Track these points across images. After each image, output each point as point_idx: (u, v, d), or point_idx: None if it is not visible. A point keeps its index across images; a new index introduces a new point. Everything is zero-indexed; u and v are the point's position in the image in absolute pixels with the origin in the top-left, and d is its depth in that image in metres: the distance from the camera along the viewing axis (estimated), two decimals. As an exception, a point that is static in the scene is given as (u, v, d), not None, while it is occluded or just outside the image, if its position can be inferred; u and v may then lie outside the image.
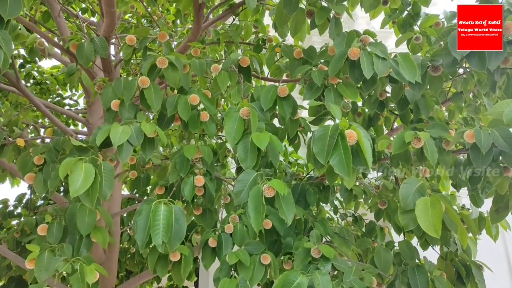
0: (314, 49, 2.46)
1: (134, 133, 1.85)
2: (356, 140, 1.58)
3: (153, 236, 1.64)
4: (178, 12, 4.15)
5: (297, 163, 3.62)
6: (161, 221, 1.67)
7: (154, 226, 1.67)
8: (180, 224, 1.73)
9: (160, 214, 1.69)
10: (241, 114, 1.96)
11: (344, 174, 1.54)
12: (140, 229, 1.68)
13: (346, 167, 1.55)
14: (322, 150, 1.59)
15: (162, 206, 1.72)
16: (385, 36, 6.60)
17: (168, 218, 1.69)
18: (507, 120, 1.51)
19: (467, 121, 3.15)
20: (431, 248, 2.51)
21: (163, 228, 1.66)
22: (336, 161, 1.57)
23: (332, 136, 1.60)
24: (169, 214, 1.70)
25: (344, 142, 1.58)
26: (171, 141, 3.84)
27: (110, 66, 2.46)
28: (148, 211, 1.70)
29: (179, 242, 1.73)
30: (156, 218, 1.67)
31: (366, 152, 1.56)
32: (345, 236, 2.61)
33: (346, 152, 1.57)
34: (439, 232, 1.55)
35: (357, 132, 1.59)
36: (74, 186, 1.63)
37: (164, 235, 1.65)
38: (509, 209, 2.10)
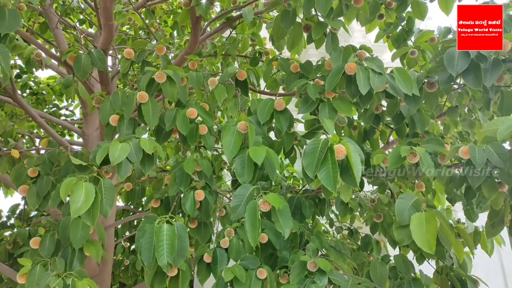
0: (310, 64, 2.48)
1: (133, 150, 1.85)
2: (345, 155, 1.59)
3: (158, 257, 1.66)
4: (176, 24, 4.17)
5: (293, 176, 3.62)
6: (164, 241, 1.69)
7: (158, 247, 1.68)
8: (183, 241, 1.75)
9: (164, 234, 1.71)
10: (238, 128, 1.96)
11: (330, 189, 1.55)
12: (145, 249, 1.70)
13: (333, 181, 1.56)
14: (311, 164, 1.60)
15: (164, 225, 1.73)
16: (381, 50, 6.67)
17: (172, 238, 1.71)
18: (501, 138, 1.53)
19: (462, 135, 3.17)
20: (426, 262, 2.51)
21: (168, 249, 1.68)
22: (324, 175, 1.58)
23: (322, 150, 1.61)
24: (172, 233, 1.72)
25: (332, 157, 1.59)
26: (167, 153, 3.83)
27: (107, 78, 2.47)
28: (151, 231, 1.73)
29: (183, 259, 1.75)
30: (160, 239, 1.69)
31: (354, 167, 1.56)
32: (341, 250, 2.61)
33: (333, 166, 1.58)
34: (433, 248, 1.55)
35: (346, 147, 1.59)
36: (75, 206, 1.65)
37: (169, 256, 1.67)
38: (504, 224, 2.10)
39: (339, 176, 1.60)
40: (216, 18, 3.05)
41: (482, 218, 2.39)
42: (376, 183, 2.87)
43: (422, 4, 2.88)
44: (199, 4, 2.53)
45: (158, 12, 3.97)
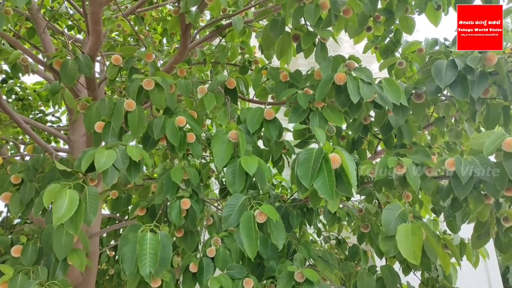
0: (300, 73, 2.49)
1: (119, 157, 1.82)
2: (340, 163, 1.59)
3: (141, 267, 1.63)
4: (165, 31, 4.16)
5: (281, 185, 3.61)
6: (148, 251, 1.66)
7: (141, 256, 1.65)
8: (166, 251, 1.73)
9: (147, 243, 1.68)
10: (229, 137, 1.95)
11: (327, 198, 1.54)
12: (128, 258, 1.67)
13: (330, 190, 1.55)
14: (306, 173, 1.58)
15: (148, 234, 1.70)
16: (369, 61, 6.74)
17: (155, 247, 1.68)
18: (487, 152, 1.54)
19: (449, 145, 3.20)
20: (413, 273, 2.51)
21: (150, 258, 1.65)
22: (320, 185, 1.57)
23: (316, 159, 1.60)
24: (156, 242, 1.69)
25: (328, 166, 1.58)
26: (154, 161, 3.79)
27: (94, 84, 2.44)
28: (134, 239, 1.69)
29: (165, 269, 1.72)
30: (143, 248, 1.66)
31: (351, 175, 1.56)
32: (328, 260, 2.60)
33: (330, 175, 1.57)
34: (418, 259, 1.55)
35: (340, 156, 1.59)
36: (57, 213, 1.60)
37: (151, 265, 1.64)
38: (490, 236, 2.12)
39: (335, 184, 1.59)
40: (205, 26, 3.05)
41: (467, 229, 2.40)
42: (364, 193, 2.88)
43: (410, 19, 2.92)
44: (188, 11, 2.53)
45: (147, 19, 3.96)
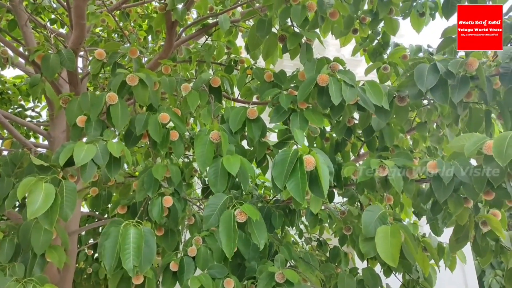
0: (284, 73, 2.49)
1: (99, 152, 1.78)
2: (314, 165, 1.59)
3: (124, 261, 1.58)
4: (150, 28, 4.12)
5: (264, 186, 3.60)
6: (131, 245, 1.61)
7: (124, 250, 1.60)
8: (150, 247, 1.68)
9: (130, 237, 1.63)
10: (211, 138, 1.94)
11: (298, 199, 1.54)
12: (108, 252, 1.61)
13: (301, 192, 1.55)
14: (281, 174, 1.59)
15: (131, 228, 1.66)
16: (355, 64, 6.79)
17: (139, 241, 1.63)
18: (468, 154, 1.56)
19: (430, 150, 3.25)
20: (393, 275, 2.53)
21: (134, 252, 1.60)
22: (292, 186, 1.57)
23: (292, 161, 1.61)
24: (139, 236, 1.64)
25: (302, 168, 1.59)
26: (137, 159, 3.75)
27: (76, 79, 2.39)
28: (116, 234, 1.64)
29: (149, 265, 1.68)
30: (126, 242, 1.61)
31: (323, 178, 1.56)
32: (309, 261, 2.60)
33: (302, 177, 1.58)
34: (396, 261, 1.56)
35: (316, 158, 1.59)
36: (32, 207, 1.56)
37: (135, 259, 1.59)
38: (468, 239, 2.15)
39: (307, 187, 1.59)
40: (192, 24, 3.02)
41: (446, 234, 2.43)
42: (346, 195, 2.89)
43: (394, 21, 2.96)
44: (175, 9, 2.51)
45: (132, 15, 3.92)
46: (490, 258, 2.27)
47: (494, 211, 2.10)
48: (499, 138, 1.46)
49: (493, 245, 2.21)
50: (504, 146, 1.41)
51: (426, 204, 2.23)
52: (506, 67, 1.98)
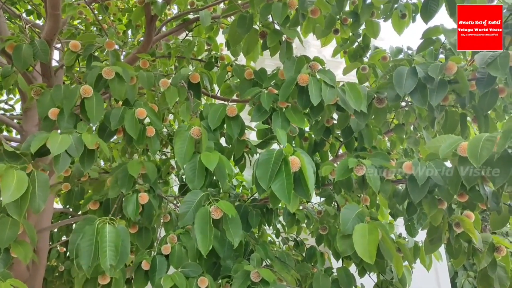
0: (265, 71, 2.47)
1: (73, 144, 1.72)
2: (299, 166, 1.57)
3: (102, 259, 1.53)
4: (130, 23, 4.04)
5: (242, 185, 3.58)
6: (107, 243, 1.57)
7: (102, 248, 1.55)
8: (125, 246, 1.64)
9: (107, 235, 1.58)
10: (191, 134, 1.90)
11: (284, 200, 1.52)
12: (85, 252, 1.56)
13: (287, 193, 1.53)
14: (265, 174, 1.56)
15: (107, 226, 1.61)
16: (335, 66, 6.83)
17: (116, 240, 1.58)
18: (443, 155, 1.57)
19: (407, 152, 3.28)
20: (368, 275, 2.54)
21: (111, 251, 1.56)
22: (278, 187, 1.55)
23: (276, 161, 1.58)
24: (116, 235, 1.60)
25: (287, 168, 1.56)
26: (113, 155, 3.67)
27: (50, 71, 2.32)
28: (92, 232, 1.59)
29: (124, 264, 1.63)
30: (103, 240, 1.56)
31: (308, 180, 1.55)
32: (285, 261, 2.59)
33: (288, 178, 1.55)
34: (373, 259, 1.56)
35: (300, 159, 1.58)
36: (7, 192, 1.46)
37: (113, 258, 1.54)
38: (442, 241, 2.17)
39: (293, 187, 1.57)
40: (172, 18, 2.98)
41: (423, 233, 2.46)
42: (324, 195, 2.90)
43: (375, 23, 2.98)
44: (154, 2, 2.46)
45: (111, 9, 3.83)
46: (463, 260, 2.30)
47: (467, 213, 2.13)
48: (473, 139, 1.47)
49: (466, 247, 2.24)
50: (479, 147, 1.42)
51: (402, 204, 2.24)
52: (482, 72, 2.01)
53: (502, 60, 1.80)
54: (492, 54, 1.86)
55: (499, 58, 1.81)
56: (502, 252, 2.09)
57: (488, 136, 1.46)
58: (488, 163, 1.52)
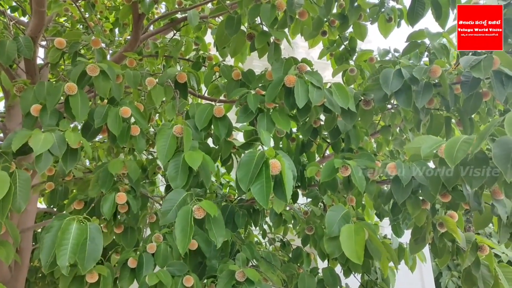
0: (252, 72, 2.47)
1: (56, 142, 1.70)
2: (279, 170, 1.57)
3: (58, 257, 1.49)
4: (117, 21, 4.01)
5: (229, 185, 3.58)
6: (70, 240, 1.53)
7: (61, 245, 1.51)
8: (96, 243, 1.60)
9: (71, 232, 1.54)
10: (174, 132, 1.89)
11: (262, 203, 1.52)
12: (46, 247, 1.52)
13: (265, 196, 1.53)
14: (246, 176, 1.56)
15: (74, 224, 1.57)
16: (323, 68, 6.87)
17: (79, 237, 1.54)
18: (424, 155, 1.59)
19: (393, 153, 3.31)
20: (353, 276, 2.56)
21: (72, 248, 1.51)
22: (257, 190, 1.55)
23: (257, 164, 1.58)
24: (81, 232, 1.56)
25: (267, 171, 1.57)
26: (98, 155, 3.63)
27: (34, 68, 2.28)
28: (57, 228, 1.55)
29: (94, 262, 1.60)
30: (64, 237, 1.53)
31: (287, 184, 1.55)
32: (271, 261, 2.59)
33: (267, 181, 1.55)
34: (361, 259, 1.57)
35: (281, 163, 1.58)
36: None
37: (71, 256, 1.50)
38: (426, 241, 2.19)
39: (272, 191, 1.57)
40: (159, 18, 2.96)
41: (408, 235, 2.49)
42: (310, 196, 2.91)
43: (363, 26, 3.00)
44: (142, 0, 2.44)
45: (98, 6, 3.80)
46: (448, 259, 2.33)
47: (451, 213, 2.16)
48: (451, 141, 1.49)
49: (450, 246, 2.26)
50: (455, 149, 1.44)
51: (387, 205, 2.26)
52: (467, 75, 2.04)
53: (486, 63, 1.84)
54: (476, 58, 1.89)
55: (483, 61, 1.85)
56: (485, 251, 2.12)
57: (465, 138, 1.48)
58: (465, 164, 1.55)
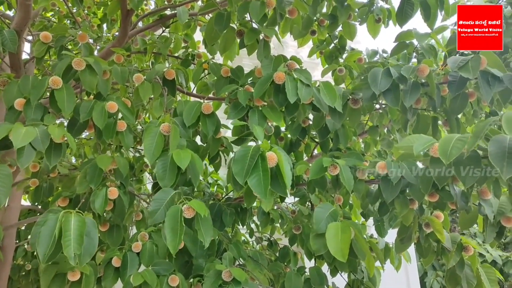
0: (241, 69, 2.46)
1: (39, 136, 1.66)
2: (276, 162, 1.57)
3: (65, 248, 1.44)
4: (105, 16, 3.96)
5: (217, 184, 3.56)
6: (72, 231, 1.48)
7: (65, 236, 1.46)
8: (92, 238, 1.56)
9: (71, 223, 1.49)
10: (161, 130, 1.87)
11: (260, 196, 1.51)
12: (44, 239, 1.46)
13: (264, 188, 1.52)
14: (242, 170, 1.55)
15: (73, 215, 1.54)
16: (312, 67, 6.89)
17: (81, 229, 1.50)
18: (417, 152, 1.60)
19: (380, 154, 3.33)
20: (339, 275, 2.56)
21: (76, 239, 1.47)
22: (254, 182, 1.54)
23: (253, 157, 1.57)
24: (82, 224, 1.51)
25: (264, 164, 1.56)
26: (85, 151, 3.59)
27: (19, 63, 2.23)
28: (54, 221, 1.49)
29: (90, 257, 1.56)
30: (67, 228, 1.48)
31: (286, 175, 1.54)
32: (258, 260, 2.58)
33: (265, 173, 1.55)
34: (345, 257, 1.57)
35: (278, 155, 1.57)
36: None
37: (76, 247, 1.45)
38: (412, 240, 2.21)
39: (269, 183, 1.56)
40: (148, 14, 2.93)
41: (393, 235, 2.50)
42: (298, 195, 2.91)
43: (352, 25, 3.01)
44: (131, -4, 2.41)
45: (86, 1, 3.74)
46: (432, 259, 2.35)
47: (437, 213, 2.17)
48: (445, 138, 1.51)
49: (435, 246, 2.28)
50: (450, 146, 1.46)
51: (374, 205, 2.27)
52: (454, 75, 2.06)
53: (474, 64, 1.85)
54: (464, 58, 1.91)
55: (470, 61, 1.86)
56: (469, 252, 2.14)
57: (460, 136, 1.49)
58: (458, 163, 1.55)
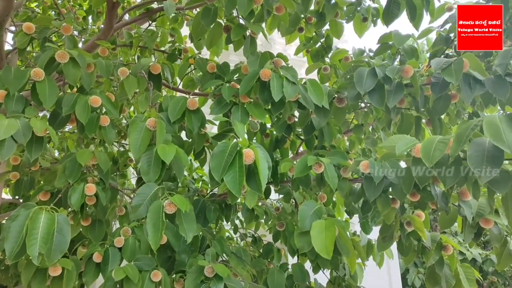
0: (228, 65, 2.45)
1: (21, 129, 1.63)
2: (253, 159, 1.56)
3: (29, 246, 1.43)
4: (91, 8, 3.90)
5: (202, 179, 3.55)
6: (40, 230, 1.47)
7: (31, 234, 1.45)
8: (64, 235, 1.55)
9: (40, 221, 1.49)
10: (147, 125, 1.86)
11: (234, 192, 1.51)
12: (12, 236, 1.45)
13: (238, 185, 1.52)
14: (218, 166, 1.54)
15: (43, 213, 1.52)
16: (299, 65, 6.89)
17: (49, 227, 1.49)
18: (399, 152, 1.61)
19: (365, 152, 3.36)
20: (321, 272, 2.59)
21: (42, 238, 1.46)
22: (230, 179, 1.53)
23: (231, 153, 1.57)
24: (51, 222, 1.51)
25: (240, 161, 1.55)
26: (67, 145, 3.54)
27: (0, 54, 2.19)
28: (25, 216, 1.49)
29: (61, 254, 1.55)
30: (34, 226, 1.47)
31: (261, 173, 1.54)
32: (241, 256, 2.59)
33: (240, 170, 1.54)
34: (330, 254, 1.59)
35: (255, 152, 1.57)
36: None
37: (42, 246, 1.45)
38: (394, 239, 2.23)
39: (244, 180, 1.56)
40: (135, 7, 2.89)
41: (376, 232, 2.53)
42: (282, 192, 2.92)
43: (339, 24, 3.02)
44: (116, -12, 2.38)
45: (72, -8, 3.70)
46: (413, 257, 2.39)
47: (418, 212, 2.20)
48: (427, 141, 1.52)
49: (416, 245, 2.31)
50: (432, 148, 1.47)
51: (357, 203, 2.29)
52: (437, 77, 2.09)
53: (456, 67, 1.87)
54: (447, 60, 1.93)
55: (453, 64, 1.88)
56: (448, 251, 2.17)
57: (441, 138, 1.51)
58: (440, 164, 1.58)
